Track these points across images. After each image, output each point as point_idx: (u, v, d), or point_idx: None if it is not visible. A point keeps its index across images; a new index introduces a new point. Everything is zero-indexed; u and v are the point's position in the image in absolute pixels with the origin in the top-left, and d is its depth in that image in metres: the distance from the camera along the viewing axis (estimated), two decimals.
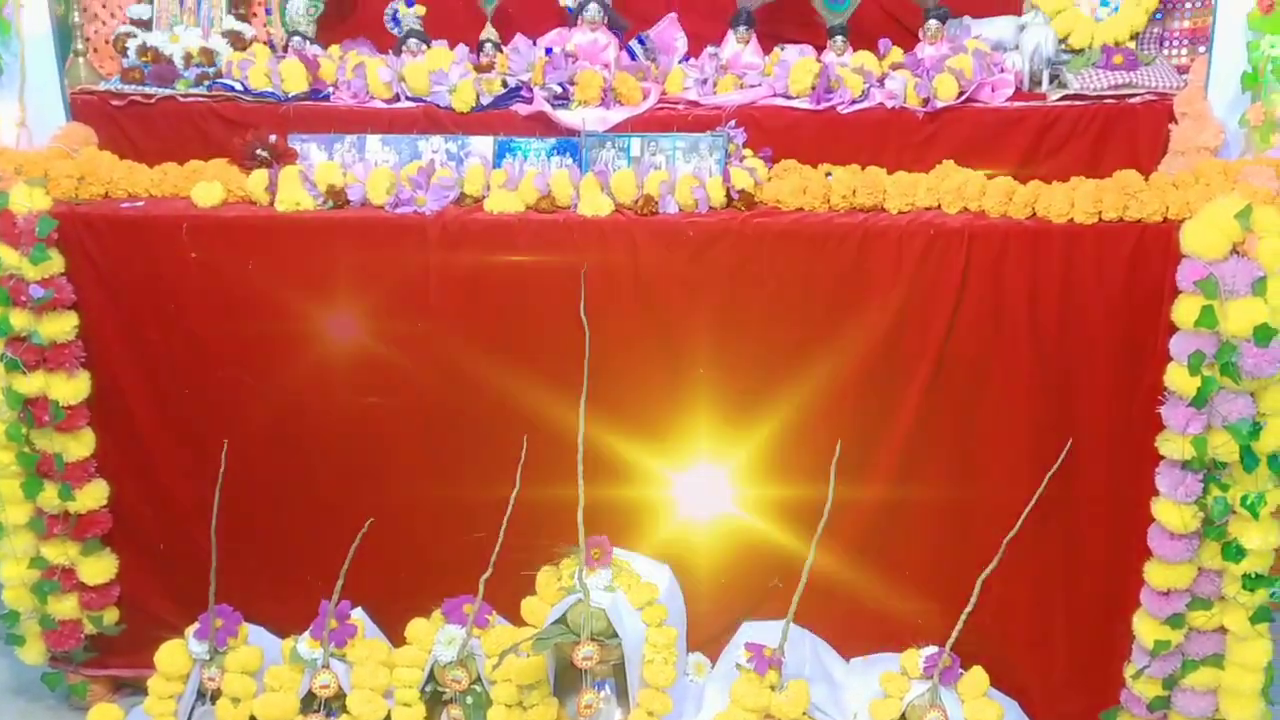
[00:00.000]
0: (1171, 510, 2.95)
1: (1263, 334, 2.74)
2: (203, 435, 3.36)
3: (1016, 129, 3.44)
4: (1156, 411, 2.96)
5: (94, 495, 3.35)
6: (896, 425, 3.20)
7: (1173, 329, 2.92)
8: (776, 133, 3.50)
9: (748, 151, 3.44)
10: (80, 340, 3.27)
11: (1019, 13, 3.72)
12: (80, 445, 3.31)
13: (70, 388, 3.25)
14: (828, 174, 3.33)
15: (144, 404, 3.36)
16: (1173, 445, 2.91)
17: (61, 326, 3.22)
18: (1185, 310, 2.84)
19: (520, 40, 3.80)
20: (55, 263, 3.20)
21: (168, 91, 3.64)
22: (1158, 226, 2.98)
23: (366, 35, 3.87)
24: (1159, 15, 3.62)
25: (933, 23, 3.62)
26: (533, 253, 3.21)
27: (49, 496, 3.30)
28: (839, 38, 3.66)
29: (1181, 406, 2.88)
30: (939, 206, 3.18)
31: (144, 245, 3.26)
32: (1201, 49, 3.53)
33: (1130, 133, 3.38)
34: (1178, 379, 2.87)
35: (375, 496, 3.36)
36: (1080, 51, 3.60)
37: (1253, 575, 2.93)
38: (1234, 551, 2.91)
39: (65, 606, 3.40)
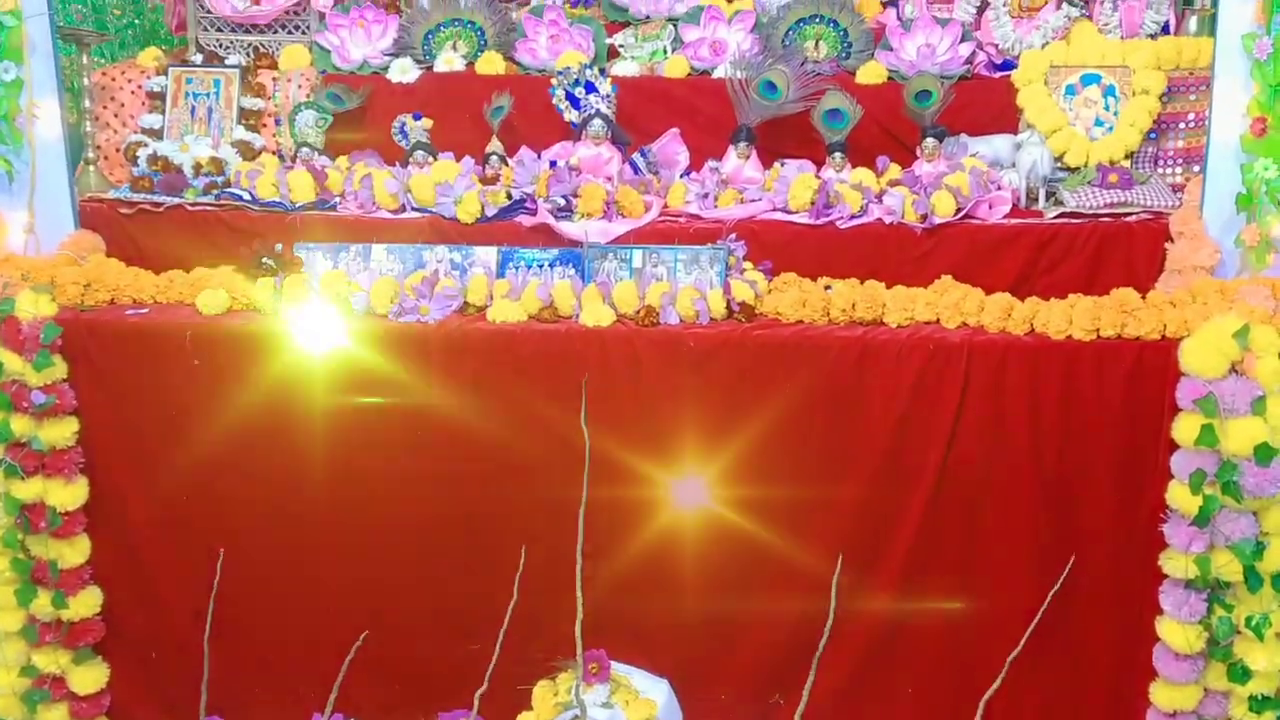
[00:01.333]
0: (1176, 630, 2.92)
1: (1263, 453, 2.75)
2: (199, 542, 3.34)
3: (1014, 245, 3.48)
4: (1159, 529, 2.95)
5: (87, 603, 3.32)
6: (898, 539, 3.18)
7: (1174, 446, 2.92)
8: (777, 246, 3.54)
9: (748, 264, 3.48)
10: (80, 446, 3.27)
11: (1015, 131, 3.78)
12: (75, 552, 3.29)
13: (68, 493, 3.24)
14: (827, 287, 3.36)
15: (141, 510, 3.35)
16: (1176, 564, 2.90)
17: (62, 432, 3.22)
18: (1186, 428, 2.85)
19: (525, 153, 3.87)
20: (58, 369, 3.22)
21: (176, 200, 3.69)
22: (1156, 344, 3.00)
23: (374, 147, 3.93)
24: (1153, 135, 3.68)
25: (930, 141, 3.69)
26: (534, 362, 3.23)
27: (42, 604, 3.26)
28: (838, 154, 3.72)
29: (1184, 525, 2.87)
30: (938, 321, 3.20)
31: (147, 352, 3.27)
32: (1196, 168, 3.59)
33: (1127, 250, 3.42)
34: (1179, 497, 2.87)
35: (371, 606, 3.33)
36: (1076, 170, 3.66)
37: (1259, 697, 2.89)
38: (1240, 673, 2.88)
39: (54, 716, 3.34)
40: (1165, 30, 3.93)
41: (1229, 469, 2.78)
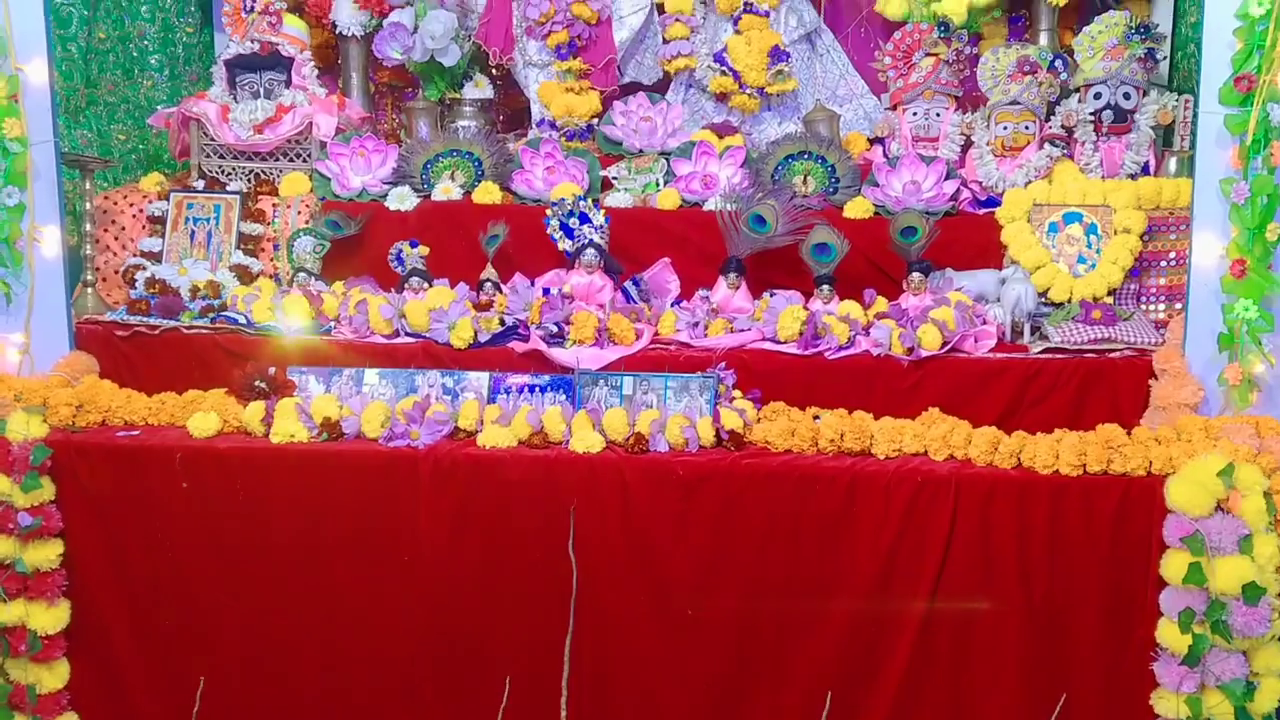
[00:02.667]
0: None
1: (1251, 593, 2.75)
2: (181, 669, 3.31)
3: (1000, 379, 3.52)
4: (1150, 667, 2.93)
5: None
6: (886, 673, 3.15)
7: (1162, 583, 2.92)
8: (766, 375, 3.58)
9: (737, 393, 3.51)
10: (63, 568, 3.25)
11: (999, 266, 3.85)
12: (54, 677, 3.25)
13: (50, 617, 3.21)
14: (816, 417, 3.39)
15: (123, 634, 3.32)
16: (1167, 704, 2.87)
17: (46, 554, 3.21)
18: (1173, 566, 2.85)
19: (519, 280, 3.93)
20: (46, 490, 3.22)
21: (172, 323, 3.72)
22: (1143, 480, 3.02)
23: (371, 273, 3.99)
24: (1135, 272, 3.75)
25: (916, 275, 3.76)
26: (523, 488, 3.23)
27: None
28: (825, 286, 3.78)
29: (1174, 664, 2.86)
30: (926, 453, 3.22)
31: (136, 474, 3.28)
32: (1178, 305, 3.66)
33: (1111, 387, 3.46)
34: (1169, 636, 2.86)
35: None
36: (1060, 305, 3.72)
37: None
38: None
39: None
40: (1145, 171, 4.03)
41: (1218, 608, 2.78)
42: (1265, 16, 3.03)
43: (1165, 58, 4.32)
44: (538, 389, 3.46)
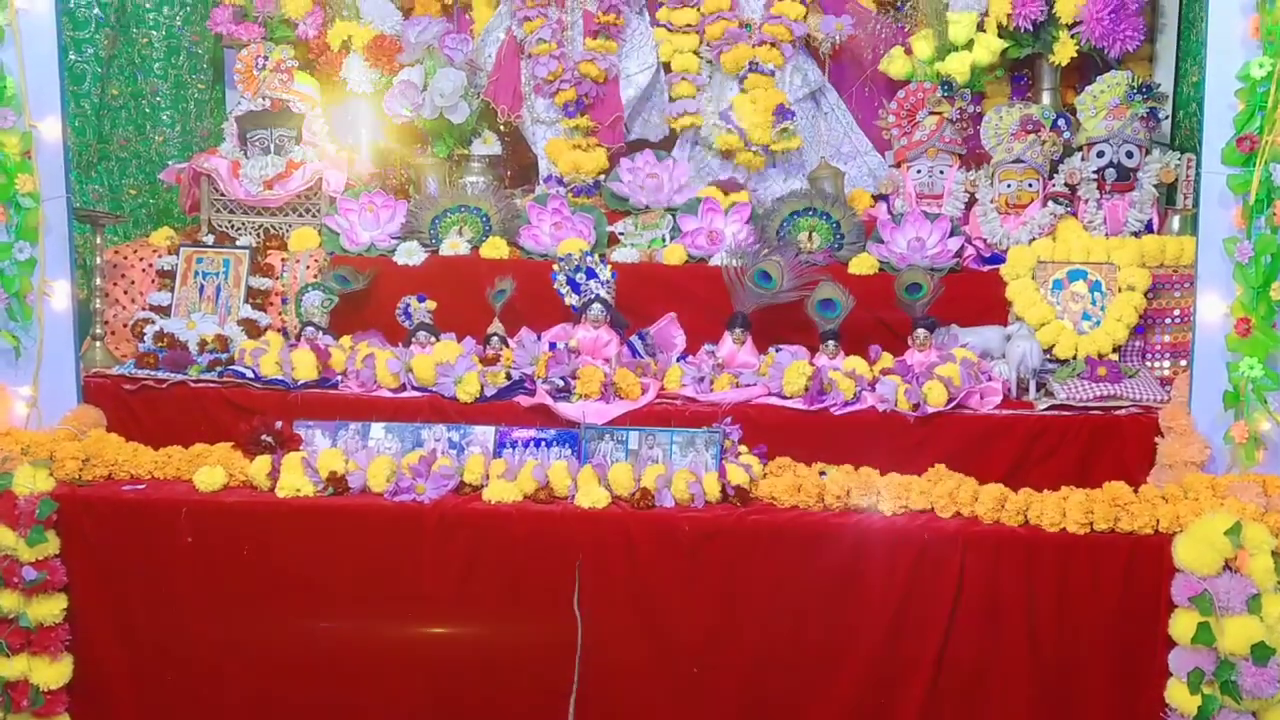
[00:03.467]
0: None
1: (1260, 653, 2.73)
2: None
3: (1006, 436, 3.52)
4: None
5: None
6: None
7: (1171, 643, 2.90)
8: (771, 431, 3.58)
9: (743, 448, 3.50)
10: (67, 622, 3.24)
11: (1004, 323, 3.87)
12: None
13: (52, 672, 3.20)
14: (822, 473, 3.38)
15: (125, 689, 3.30)
16: None
17: (50, 609, 3.20)
18: (1182, 626, 2.84)
19: (525, 334, 3.95)
20: (51, 544, 3.21)
21: (180, 377, 3.74)
22: (1150, 539, 3.01)
23: (378, 327, 4.01)
24: (1140, 329, 3.77)
25: (921, 331, 3.77)
26: (528, 543, 3.22)
27: None
28: (831, 342, 3.79)
29: None
30: (932, 510, 3.21)
31: (141, 528, 3.28)
32: (1183, 362, 3.66)
33: (1118, 444, 3.46)
34: (1178, 696, 2.84)
35: None
36: (1065, 362, 3.73)
37: None
38: None
39: None
40: (1149, 228, 4.06)
41: (1227, 668, 2.76)
42: (1267, 78, 3.06)
43: (1167, 117, 4.37)
44: (543, 443, 3.47)
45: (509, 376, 3.73)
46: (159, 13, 4.65)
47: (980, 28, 4.44)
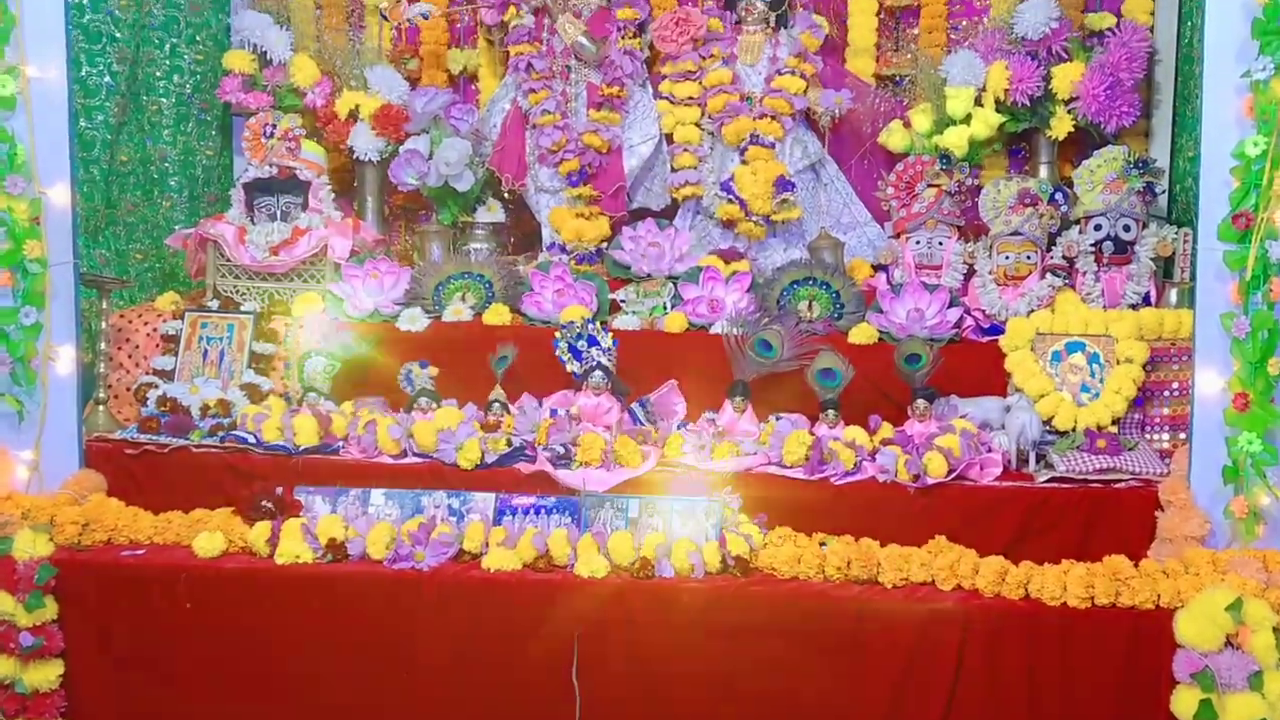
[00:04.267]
0: None
1: None
2: None
3: (1006, 508, 3.52)
4: None
5: None
6: None
7: (1174, 719, 2.88)
8: (771, 500, 3.57)
9: (743, 517, 3.50)
10: (63, 688, 3.22)
11: (1004, 394, 3.88)
12: None
13: None
14: (822, 544, 3.38)
15: None
16: None
17: (46, 675, 3.19)
18: (1184, 702, 2.82)
19: (527, 400, 3.96)
20: (49, 610, 3.21)
21: (182, 442, 3.76)
22: (1151, 614, 3.00)
23: (381, 393, 4.03)
24: (1139, 402, 3.78)
25: (921, 401, 3.78)
26: (527, 612, 3.22)
27: None
28: (831, 411, 3.80)
29: None
30: (933, 582, 3.21)
31: (140, 594, 3.28)
32: (1183, 435, 3.67)
33: (1118, 517, 3.46)
34: None
35: None
36: (1065, 434, 3.73)
37: None
38: None
39: None
40: (1146, 301, 4.09)
41: None
42: (1261, 156, 3.10)
43: (1164, 191, 4.42)
44: (544, 510, 3.47)
45: (510, 443, 3.74)
46: (169, 81, 4.73)
47: (978, 102, 4.50)
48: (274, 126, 4.47)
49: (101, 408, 3.95)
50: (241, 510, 3.48)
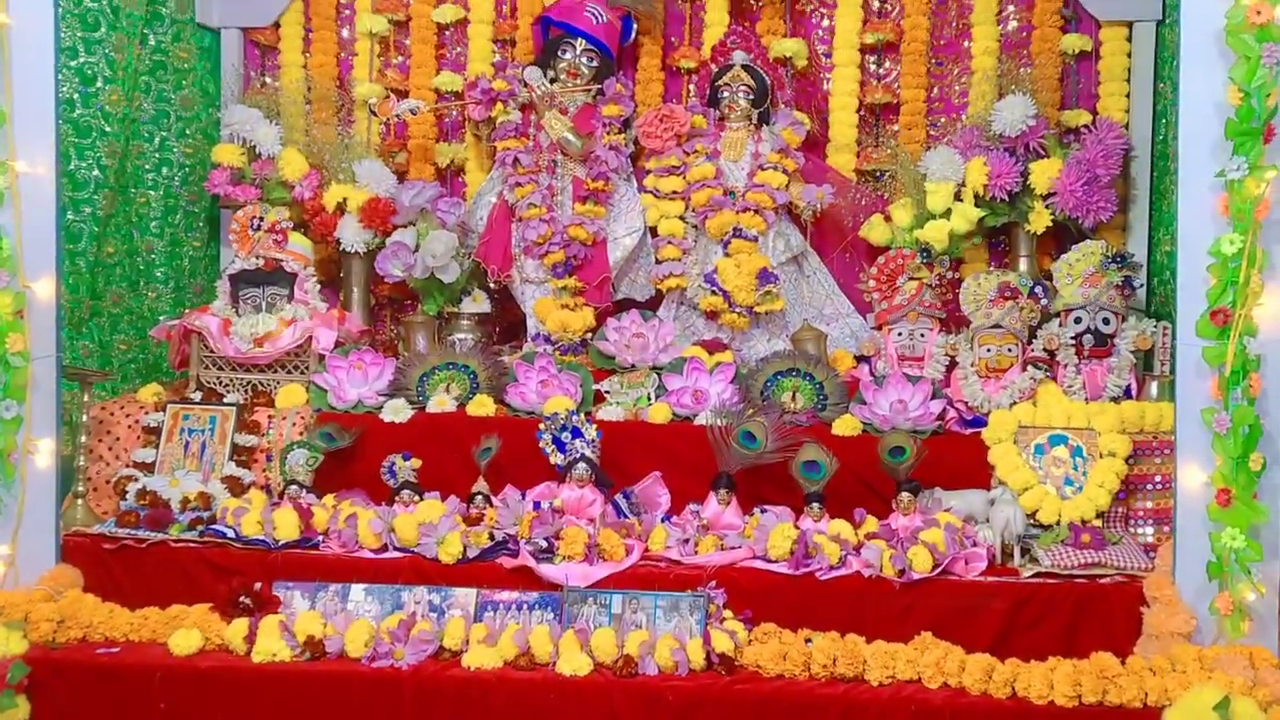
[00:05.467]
0: None
1: None
2: None
3: (992, 603, 3.48)
4: None
5: None
6: None
7: None
8: (756, 595, 3.55)
9: (728, 612, 3.47)
10: None
11: (988, 486, 3.88)
12: None
13: None
14: (808, 640, 3.34)
15: None
16: None
17: None
18: None
19: (510, 493, 3.94)
20: (21, 709, 3.16)
21: (160, 536, 3.72)
22: (1139, 713, 2.97)
23: (363, 485, 4.01)
24: (1122, 495, 3.78)
25: (905, 495, 3.78)
26: (508, 712, 3.16)
27: None
28: (815, 504, 3.79)
29: None
30: (919, 680, 3.17)
31: (115, 693, 3.22)
32: (1166, 528, 3.66)
33: (1104, 613, 3.43)
34: None
35: None
36: (1049, 527, 3.73)
37: None
38: None
39: None
40: (1128, 394, 4.11)
41: None
42: (1238, 254, 3.13)
43: (1142, 285, 4.47)
44: (526, 606, 3.44)
45: (492, 537, 3.71)
46: (158, 173, 4.78)
47: (957, 197, 4.58)
48: (261, 219, 4.50)
49: (80, 501, 3.92)
50: (219, 606, 3.43)
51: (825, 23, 5.00)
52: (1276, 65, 3.09)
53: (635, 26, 4.93)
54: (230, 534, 3.71)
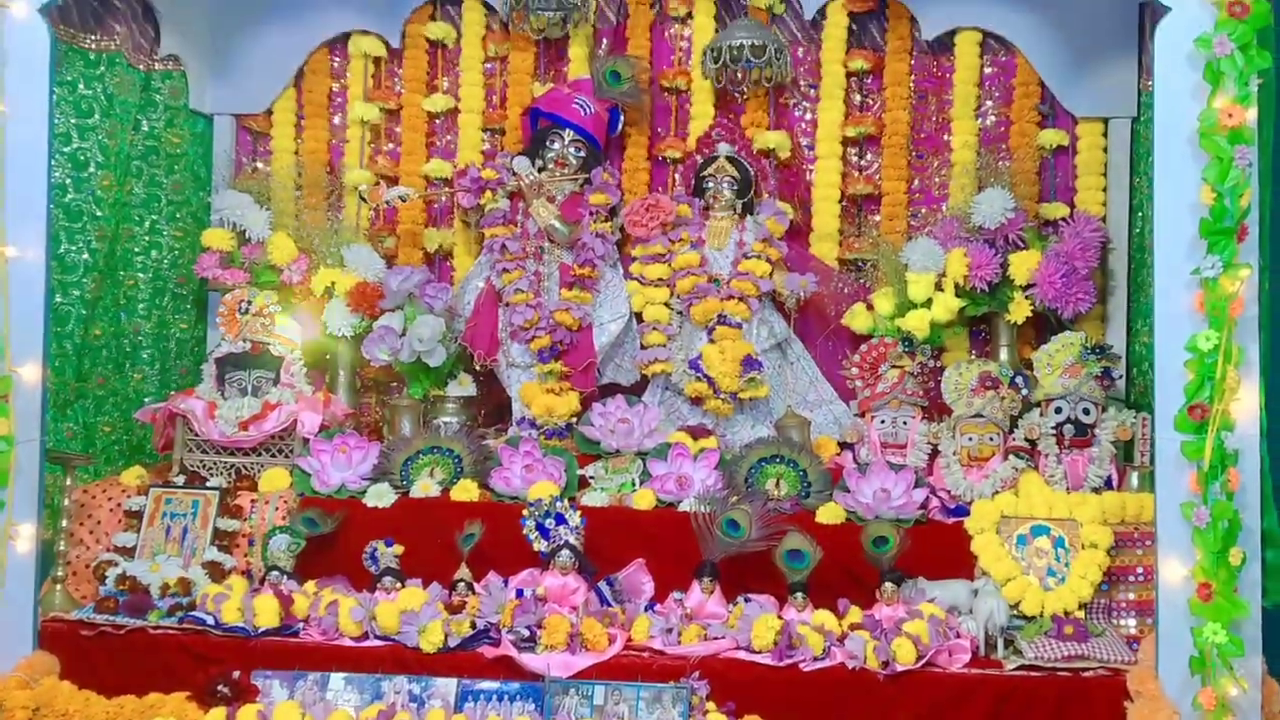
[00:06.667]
0: None
1: None
2: None
3: (975, 696, 3.46)
4: None
5: None
6: None
7: None
8: (740, 686, 3.52)
9: (711, 705, 3.45)
10: None
11: (971, 576, 3.88)
12: None
13: None
14: None
15: None
16: None
17: None
18: None
19: (493, 579, 3.93)
20: None
21: (139, 623, 3.69)
22: None
23: (345, 571, 3.98)
24: (1105, 586, 3.79)
25: (888, 585, 3.77)
26: None
27: None
28: (799, 594, 3.79)
29: None
30: None
31: None
32: (1149, 620, 3.67)
33: (1087, 708, 3.40)
34: None
35: None
36: (1032, 619, 3.72)
37: None
38: None
39: None
40: (1109, 484, 4.13)
41: None
42: (1213, 351, 3.18)
43: (1121, 376, 4.51)
44: (507, 696, 3.42)
45: (474, 625, 3.69)
46: (147, 256, 4.81)
47: (938, 287, 4.63)
48: (249, 303, 4.53)
49: (59, 586, 3.88)
50: (197, 695, 3.40)
51: (808, 116, 5.10)
52: (1248, 166, 3.17)
53: (622, 118, 5.02)
54: (209, 621, 3.68)
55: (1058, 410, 4.22)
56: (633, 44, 5.09)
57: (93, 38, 4.55)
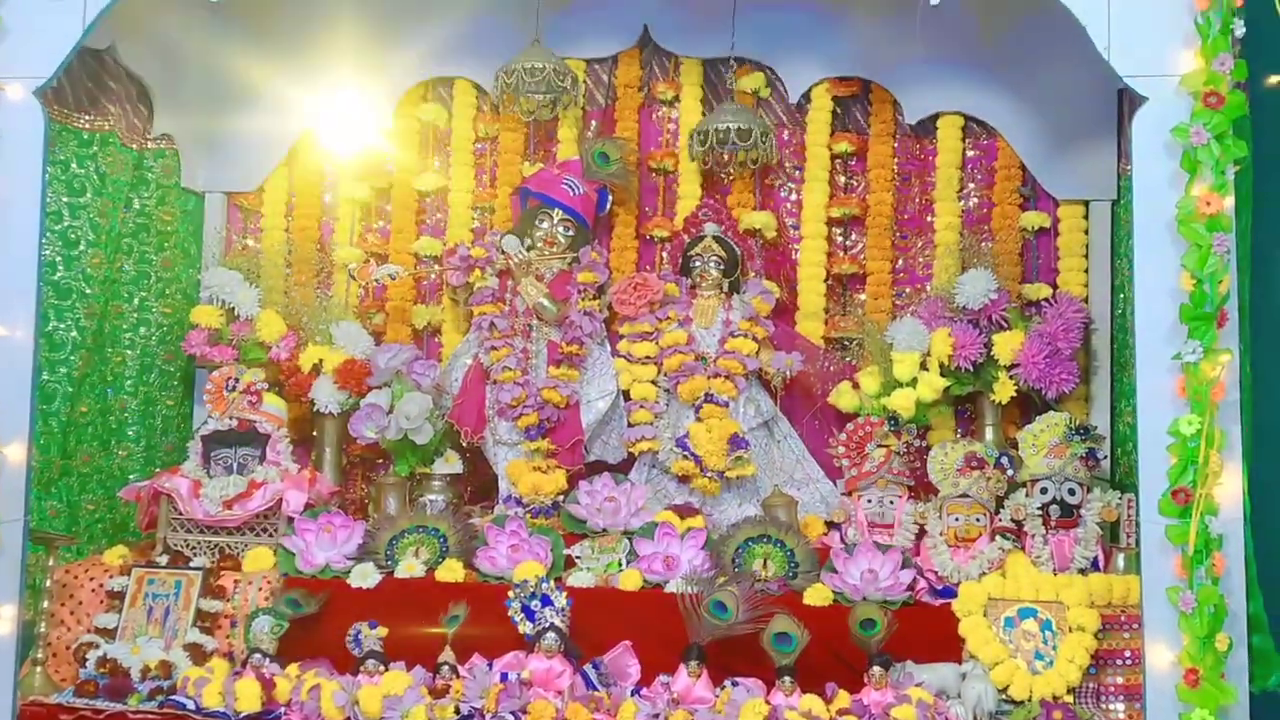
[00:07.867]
0: None
1: None
2: None
3: None
4: None
5: None
6: None
7: None
8: None
9: None
10: None
11: (958, 658, 3.86)
12: None
13: None
14: None
15: None
16: None
17: None
18: None
19: (477, 663, 3.88)
20: None
21: (119, 707, 3.64)
22: None
23: (329, 652, 3.94)
24: (1093, 670, 3.77)
25: (877, 669, 3.74)
26: None
27: None
28: (787, 678, 3.75)
29: None
30: None
31: None
32: (1137, 704, 3.64)
33: None
34: None
35: None
36: (1020, 703, 3.70)
37: None
38: None
39: None
40: (1095, 565, 4.13)
41: None
42: (1196, 435, 3.21)
43: (1105, 456, 4.53)
44: None
45: (458, 710, 3.65)
46: (135, 333, 4.82)
47: (923, 366, 4.66)
48: (237, 380, 4.53)
49: (38, 669, 3.84)
50: None
51: (793, 196, 5.18)
52: (1226, 253, 3.22)
53: (610, 198, 5.08)
54: (190, 705, 3.64)
55: (1043, 490, 4.23)
56: (621, 126, 5.18)
57: (87, 117, 4.60)
